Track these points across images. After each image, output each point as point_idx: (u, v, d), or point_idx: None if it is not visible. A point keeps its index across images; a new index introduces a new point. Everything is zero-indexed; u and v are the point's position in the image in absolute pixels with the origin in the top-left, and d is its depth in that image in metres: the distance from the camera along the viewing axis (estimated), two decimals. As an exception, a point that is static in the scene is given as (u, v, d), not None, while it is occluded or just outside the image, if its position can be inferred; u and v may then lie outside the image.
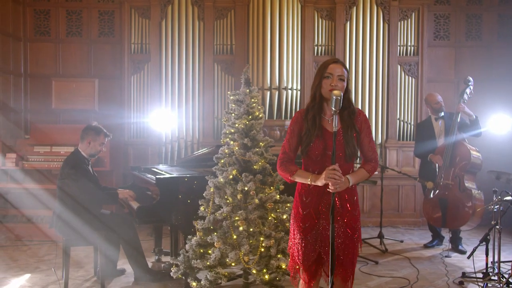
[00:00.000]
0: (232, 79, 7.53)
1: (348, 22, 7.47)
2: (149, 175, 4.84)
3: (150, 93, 7.51)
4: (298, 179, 2.79)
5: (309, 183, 2.73)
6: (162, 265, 5.18)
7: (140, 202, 4.58)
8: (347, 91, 2.76)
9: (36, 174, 6.56)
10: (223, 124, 7.44)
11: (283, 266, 3.67)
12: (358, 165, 2.93)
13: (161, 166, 5.71)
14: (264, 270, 3.67)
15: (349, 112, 2.76)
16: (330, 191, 2.62)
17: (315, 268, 2.79)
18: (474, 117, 5.72)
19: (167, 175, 4.46)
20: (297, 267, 2.83)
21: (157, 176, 4.33)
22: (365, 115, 2.87)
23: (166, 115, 7.11)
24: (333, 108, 2.57)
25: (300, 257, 2.77)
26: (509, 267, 4.78)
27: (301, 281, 2.86)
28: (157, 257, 5.42)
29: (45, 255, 5.69)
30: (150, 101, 7.49)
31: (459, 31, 7.72)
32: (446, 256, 5.66)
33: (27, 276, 4.87)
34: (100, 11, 7.70)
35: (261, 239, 3.70)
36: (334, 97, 2.56)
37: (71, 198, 4.38)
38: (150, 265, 4.93)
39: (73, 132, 6.86)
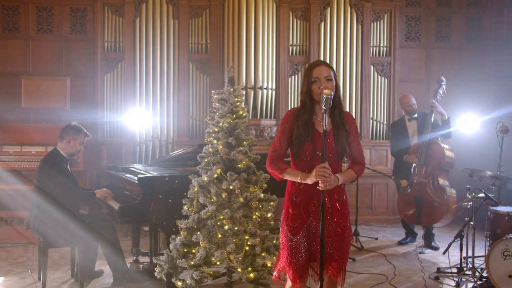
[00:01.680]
0: (207, 78, 7.51)
1: (323, 23, 7.56)
2: (128, 175, 4.79)
3: (124, 91, 7.41)
4: (288, 177, 2.80)
5: (299, 181, 2.74)
6: (141, 265, 5.14)
7: (120, 202, 4.52)
8: (337, 89, 2.79)
9: (6, 175, 6.37)
10: (198, 123, 7.48)
11: (268, 264, 3.69)
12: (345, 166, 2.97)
13: (138, 166, 5.64)
14: (249, 269, 3.69)
15: (339, 110, 2.80)
16: (320, 188, 2.64)
17: (304, 270, 2.79)
18: (447, 117, 5.88)
19: (149, 174, 4.42)
20: (286, 267, 2.82)
21: (139, 176, 4.29)
22: (353, 118, 2.92)
23: (140, 114, 7.03)
24: (323, 107, 2.60)
25: (289, 257, 2.78)
26: (482, 262, 4.93)
27: (288, 281, 2.86)
28: (135, 257, 5.37)
29: (19, 257, 5.54)
30: (124, 100, 7.39)
31: (430, 33, 7.91)
32: (420, 253, 5.80)
33: (0, 279, 4.74)
34: (72, 8, 7.54)
35: (246, 237, 3.71)
36: (325, 96, 2.59)
37: (50, 197, 4.28)
38: (128, 265, 4.87)
39: (44, 132, 6.72)
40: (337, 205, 2.81)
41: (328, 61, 7.48)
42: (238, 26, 7.28)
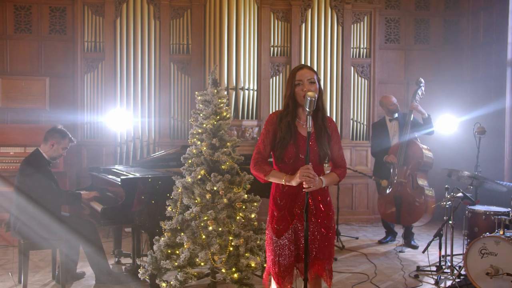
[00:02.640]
0: (188, 78, 7.50)
1: (304, 24, 7.62)
2: (110, 176, 4.76)
3: (105, 92, 7.36)
4: (272, 179, 2.83)
5: (283, 183, 2.77)
6: (123, 266, 5.12)
7: (102, 203, 4.50)
8: (320, 93, 2.82)
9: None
10: (179, 124, 7.46)
11: (252, 265, 3.71)
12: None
13: (120, 167, 5.62)
14: (234, 269, 3.70)
15: (322, 114, 2.83)
16: (304, 190, 2.67)
17: (289, 269, 2.82)
18: (427, 115, 5.98)
19: (132, 176, 4.40)
20: (271, 269, 2.84)
21: (122, 177, 4.27)
22: (335, 123, 2.97)
23: (121, 115, 6.99)
24: (307, 109, 2.63)
25: (274, 259, 2.80)
26: (461, 260, 5.03)
27: (273, 281, 2.89)
28: (116, 259, 5.35)
29: (-3, 260, 5.47)
30: (104, 100, 7.34)
31: (408, 35, 8.04)
32: (400, 251, 5.89)
33: (-20, 282, 4.67)
34: (51, 7, 7.45)
35: (230, 238, 3.73)
36: (309, 98, 2.62)
37: (30, 199, 4.23)
38: (110, 267, 4.84)
39: (23, 132, 6.65)
40: (321, 206, 2.85)
41: (309, 62, 7.56)
42: (220, 27, 7.29)
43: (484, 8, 7.44)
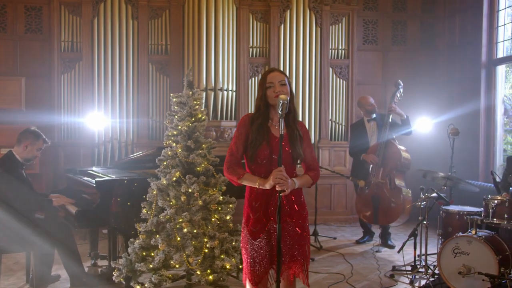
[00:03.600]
0: (167, 79, 7.47)
1: (282, 25, 7.64)
2: (86, 178, 4.72)
3: (82, 92, 7.28)
4: (246, 183, 2.83)
5: (257, 186, 2.78)
6: (99, 269, 5.07)
7: (77, 206, 4.45)
8: (291, 95, 2.85)
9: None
10: (158, 125, 7.43)
11: (227, 266, 3.71)
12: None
13: (96, 168, 5.57)
14: (208, 271, 3.70)
15: (293, 116, 2.86)
16: (282, 194, 2.69)
17: (265, 271, 2.83)
18: (405, 116, 6.04)
19: (107, 178, 4.37)
20: (246, 271, 2.85)
21: (97, 179, 4.23)
22: (305, 126, 3.01)
23: (99, 116, 6.94)
24: (280, 112, 2.66)
25: (251, 261, 2.81)
26: (435, 259, 5.10)
27: (248, 282, 2.89)
28: (93, 261, 5.30)
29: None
30: (82, 101, 7.27)
31: (386, 37, 8.11)
32: (377, 251, 5.94)
33: (-49, 286, 4.59)
34: (26, 7, 7.35)
35: (205, 240, 3.73)
36: (281, 101, 2.65)
37: (2, 202, 4.17)
38: (86, 269, 4.80)
39: (-2, 133, 6.55)
40: (295, 206, 2.87)
41: (287, 63, 7.59)
42: (198, 28, 7.28)
43: (459, 11, 7.55)
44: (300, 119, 7.50)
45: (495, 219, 4.33)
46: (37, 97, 7.27)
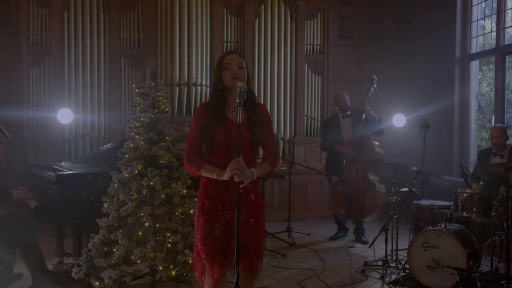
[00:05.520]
0: (140, 74, 7.33)
1: (257, 20, 7.55)
2: (49, 173, 4.57)
3: (52, 87, 7.10)
4: (204, 174, 2.75)
5: (215, 177, 2.69)
6: (64, 266, 4.94)
7: (38, 201, 4.31)
8: (249, 80, 2.77)
9: None
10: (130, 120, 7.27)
11: (190, 261, 3.61)
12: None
13: (63, 164, 5.42)
14: (171, 266, 3.60)
15: (252, 101, 2.77)
16: (236, 180, 2.58)
17: (221, 260, 2.74)
18: (378, 119, 5.97)
19: (68, 172, 4.23)
20: (205, 262, 2.76)
21: (57, 173, 4.10)
22: (266, 108, 2.92)
23: (70, 111, 6.76)
24: (238, 100, 2.56)
25: (205, 250, 2.72)
26: (406, 254, 5.06)
27: (207, 276, 2.80)
28: (59, 258, 5.15)
29: None
30: (51, 96, 7.09)
31: (362, 32, 8.07)
32: (350, 247, 5.90)
33: None
34: (-7, -1, 7.16)
35: (168, 234, 3.62)
36: (239, 89, 2.55)
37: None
38: (51, 267, 4.66)
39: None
40: (252, 195, 2.77)
41: (262, 58, 7.52)
42: (171, 22, 7.15)
43: (435, 8, 7.53)
44: (275, 115, 7.48)
45: (464, 212, 4.32)
46: (4, 91, 7.07)
